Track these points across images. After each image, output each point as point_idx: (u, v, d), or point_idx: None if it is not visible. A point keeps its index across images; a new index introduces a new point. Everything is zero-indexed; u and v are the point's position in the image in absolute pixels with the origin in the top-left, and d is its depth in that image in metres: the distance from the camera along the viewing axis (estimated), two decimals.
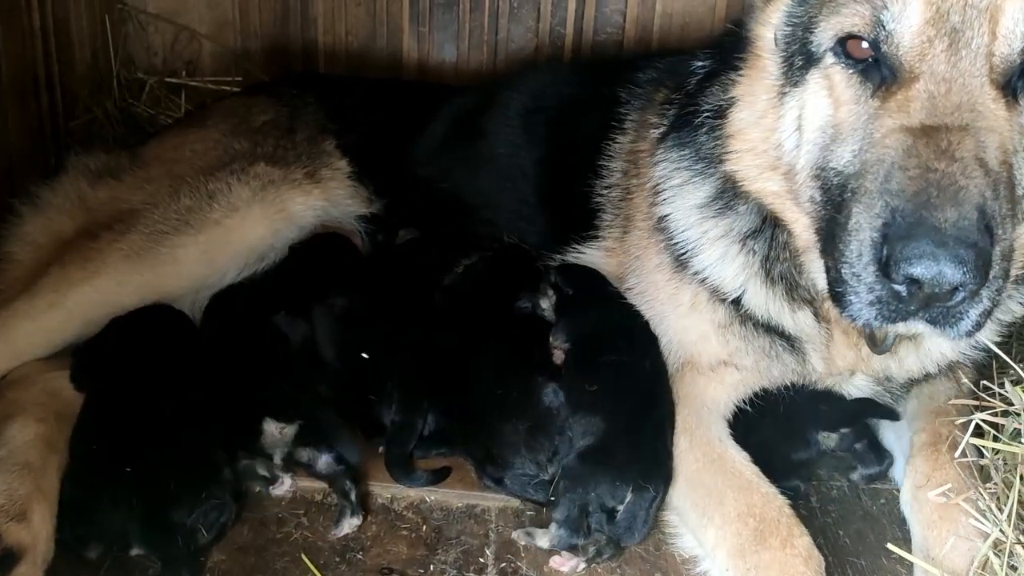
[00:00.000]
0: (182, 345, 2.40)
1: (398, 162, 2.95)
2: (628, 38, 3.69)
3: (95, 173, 2.67)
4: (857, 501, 2.38)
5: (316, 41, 3.78)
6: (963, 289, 1.56)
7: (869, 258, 1.64)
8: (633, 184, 2.57)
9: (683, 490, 2.14)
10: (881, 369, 2.29)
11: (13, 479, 1.96)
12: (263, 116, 2.90)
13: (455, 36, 3.74)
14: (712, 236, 2.21)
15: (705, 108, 2.22)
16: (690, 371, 2.33)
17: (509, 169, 2.89)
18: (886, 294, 1.63)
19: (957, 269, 1.53)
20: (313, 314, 2.50)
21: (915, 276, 1.55)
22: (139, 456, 2.04)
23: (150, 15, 3.78)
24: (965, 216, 1.54)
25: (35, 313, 2.36)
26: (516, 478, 2.18)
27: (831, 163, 1.81)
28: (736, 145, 2.04)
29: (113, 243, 2.46)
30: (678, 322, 2.33)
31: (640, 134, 2.60)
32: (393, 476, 2.26)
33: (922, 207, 1.56)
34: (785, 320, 2.21)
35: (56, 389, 2.27)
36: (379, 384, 2.37)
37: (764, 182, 2.01)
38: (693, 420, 2.22)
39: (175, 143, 2.82)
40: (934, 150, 1.61)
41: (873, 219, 1.64)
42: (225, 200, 2.59)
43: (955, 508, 2.02)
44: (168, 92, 3.76)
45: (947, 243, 1.52)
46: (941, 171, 1.58)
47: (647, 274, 2.41)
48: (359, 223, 2.88)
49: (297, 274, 2.63)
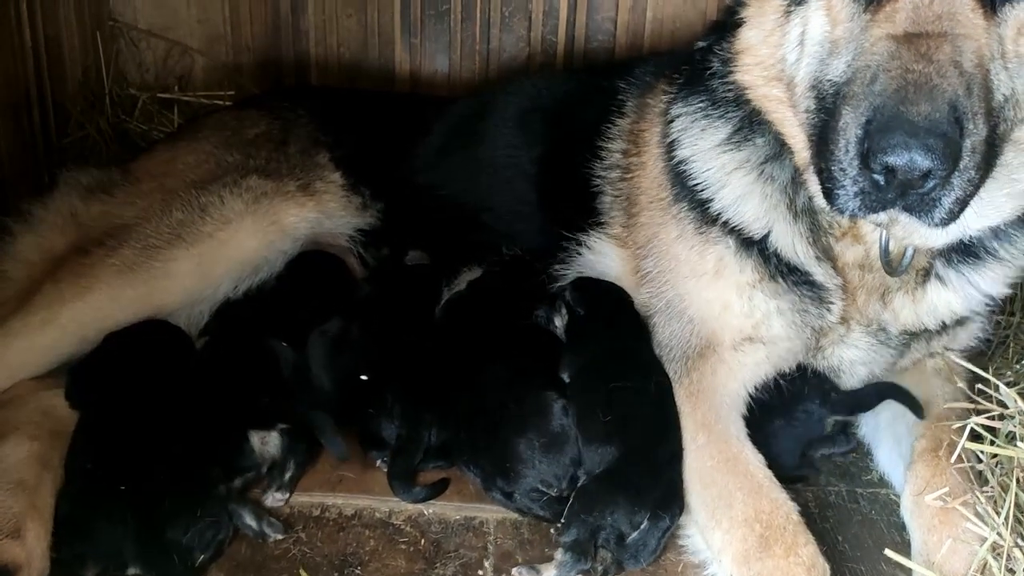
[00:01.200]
0: (177, 361, 2.39)
1: (394, 172, 2.95)
2: (619, 45, 3.71)
3: (87, 189, 2.67)
4: (855, 506, 2.38)
5: (308, 54, 3.79)
6: (934, 176, 1.71)
7: (854, 152, 1.79)
8: (634, 163, 2.61)
9: (696, 488, 2.14)
10: (889, 320, 2.32)
11: (7, 497, 1.96)
12: (255, 129, 2.90)
13: (447, 46, 3.76)
14: (731, 167, 2.29)
15: (714, 63, 2.32)
16: (711, 357, 2.31)
17: (508, 170, 2.90)
18: (867, 184, 1.78)
19: (926, 156, 1.68)
20: (308, 342, 2.48)
21: (889, 164, 1.71)
22: (134, 474, 2.03)
23: (141, 31, 3.79)
24: (937, 110, 1.69)
25: (29, 331, 2.35)
26: (526, 494, 2.17)
27: (827, 75, 1.94)
28: (745, 60, 2.18)
29: (106, 258, 2.45)
30: (700, 295, 2.34)
31: (641, 115, 2.65)
32: (394, 490, 2.25)
33: (900, 103, 1.71)
34: (811, 265, 2.25)
35: (50, 407, 2.26)
36: (379, 397, 2.36)
37: (769, 89, 2.14)
38: (712, 416, 2.23)
39: (166, 157, 2.81)
40: (914, 54, 1.76)
41: (858, 117, 1.78)
42: (218, 213, 2.58)
43: (955, 513, 2.04)
44: (161, 108, 3.76)
45: (918, 133, 1.68)
46: (918, 71, 1.74)
47: (666, 249, 2.42)
48: (360, 237, 2.88)
49: (290, 297, 2.62)
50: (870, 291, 2.29)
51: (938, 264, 2.26)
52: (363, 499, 2.27)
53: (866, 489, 2.44)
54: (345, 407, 2.39)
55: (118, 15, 3.74)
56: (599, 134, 2.70)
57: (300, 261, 2.72)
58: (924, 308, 2.30)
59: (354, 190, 2.88)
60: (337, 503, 2.26)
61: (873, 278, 2.28)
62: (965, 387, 2.38)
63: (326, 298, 2.64)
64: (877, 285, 2.28)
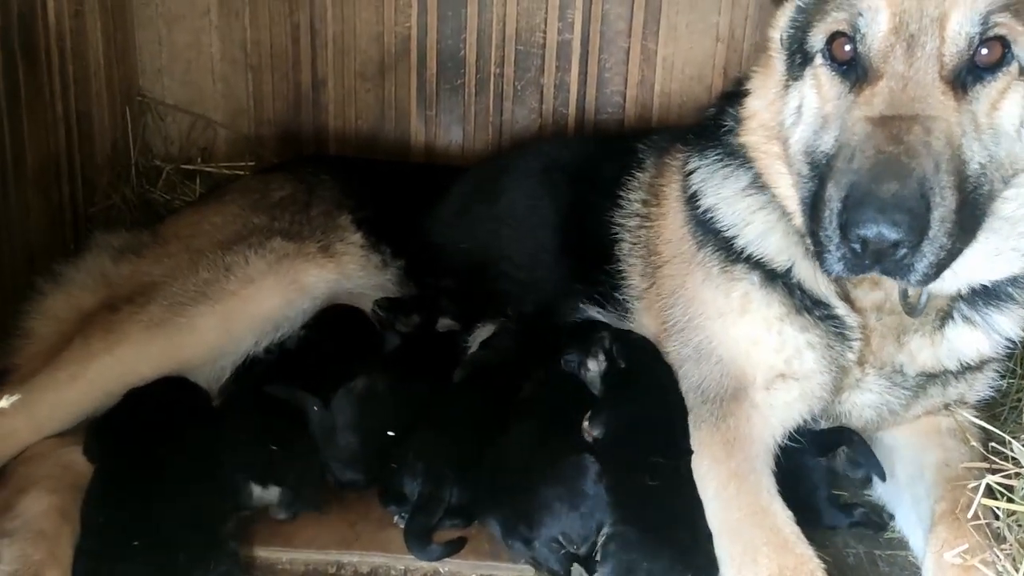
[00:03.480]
0: (194, 416, 2.42)
1: (415, 230, 3.05)
2: (628, 117, 3.82)
3: (117, 250, 2.76)
4: (874, 567, 2.35)
5: (327, 126, 3.91)
6: (903, 245, 1.87)
7: (836, 223, 1.95)
8: (653, 212, 2.72)
9: (723, 541, 2.13)
10: (905, 362, 2.37)
11: (27, 545, 1.99)
12: (281, 192, 3.01)
13: (461, 119, 3.88)
14: (755, 207, 2.40)
15: (728, 122, 2.48)
16: (744, 401, 2.34)
17: (528, 220, 3.00)
18: (847, 251, 1.94)
19: (893, 229, 1.84)
20: (333, 401, 2.50)
21: (861, 236, 1.87)
22: (148, 529, 2.05)
23: (168, 106, 3.92)
24: (905, 187, 1.86)
25: (57, 386, 2.39)
26: (547, 543, 2.15)
27: (820, 147, 2.10)
28: (751, 124, 2.38)
29: (134, 315, 2.52)
30: (728, 333, 2.40)
31: (660, 171, 2.78)
32: (410, 547, 2.24)
33: (871, 181, 1.88)
34: (833, 299, 2.32)
35: (69, 463, 2.29)
36: (402, 453, 2.38)
37: (771, 146, 2.31)
38: (747, 466, 2.24)
39: (194, 219, 2.91)
40: (887, 135, 1.92)
41: (839, 192, 1.95)
42: (242, 272, 2.66)
43: (975, 572, 2.03)
44: (183, 178, 3.87)
45: (886, 209, 1.85)
46: (889, 153, 1.90)
47: (693, 295, 2.49)
48: (387, 304, 2.93)
49: (315, 351, 2.67)
50: (885, 334, 2.34)
51: (961, 305, 2.32)
52: (379, 556, 2.26)
53: (884, 551, 2.41)
54: (369, 463, 2.42)
55: (147, 91, 3.88)
56: (619, 186, 2.82)
57: (327, 314, 2.78)
58: (944, 350, 2.35)
59: (374, 249, 2.97)
60: (353, 560, 2.26)
61: (891, 320, 2.32)
62: (979, 446, 2.39)
63: (353, 351, 2.69)
64: (894, 327, 2.33)
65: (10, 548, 1.98)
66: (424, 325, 2.86)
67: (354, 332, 2.78)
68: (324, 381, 2.54)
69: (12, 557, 1.96)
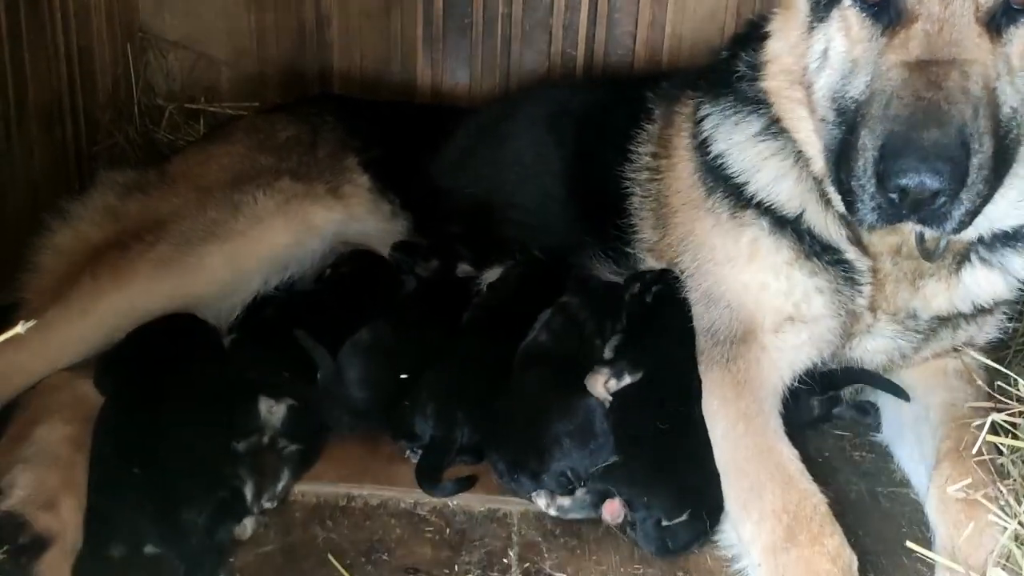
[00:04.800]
0: (202, 352, 2.45)
1: (421, 173, 3.03)
2: (639, 59, 3.77)
3: (123, 187, 2.75)
4: (876, 504, 2.39)
5: (331, 66, 3.86)
6: (943, 194, 1.85)
7: (871, 172, 1.92)
8: (664, 164, 2.68)
9: (730, 479, 2.16)
10: (919, 307, 2.37)
11: (42, 471, 2.03)
12: (286, 132, 2.99)
13: (468, 60, 3.82)
14: (767, 154, 2.38)
15: (740, 67, 2.44)
16: (753, 344, 2.35)
17: (536, 167, 2.98)
18: (883, 201, 1.92)
19: (935, 179, 1.82)
20: (340, 354, 2.50)
21: (902, 186, 1.85)
22: (150, 458, 2.08)
23: (170, 43, 3.86)
24: (945, 135, 1.83)
25: (68, 320, 2.41)
26: (555, 477, 2.20)
27: (848, 92, 2.06)
28: (772, 68, 2.33)
29: (143, 253, 2.53)
30: (737, 278, 2.40)
31: (669, 121, 2.73)
32: (421, 486, 2.28)
33: (911, 129, 1.85)
34: (844, 244, 2.32)
35: (83, 395, 2.32)
36: (413, 393, 2.40)
37: (793, 91, 2.27)
38: (755, 408, 2.26)
39: (201, 158, 2.90)
40: (925, 81, 1.89)
41: (875, 140, 1.91)
42: (250, 212, 2.67)
43: (978, 507, 2.05)
44: (187, 118, 3.85)
45: (928, 158, 1.82)
46: (928, 99, 1.87)
47: (702, 241, 2.49)
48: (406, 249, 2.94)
49: (337, 292, 2.71)
50: (900, 279, 2.34)
51: (979, 247, 2.32)
52: (389, 490, 2.30)
53: (887, 488, 2.45)
54: (380, 412, 2.44)
55: (148, 27, 3.83)
56: (628, 139, 2.78)
57: (349, 258, 2.82)
58: (959, 293, 2.35)
59: (382, 195, 2.97)
60: (363, 493, 2.29)
61: (908, 264, 2.33)
62: (985, 387, 2.41)
63: (373, 296, 2.71)
64: (910, 271, 2.34)
65: (25, 474, 2.02)
66: (442, 270, 2.87)
67: (375, 277, 2.80)
68: (344, 326, 2.55)
69: (27, 482, 2.00)
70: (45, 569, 1.85)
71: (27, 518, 1.90)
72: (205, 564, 1.97)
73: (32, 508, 1.93)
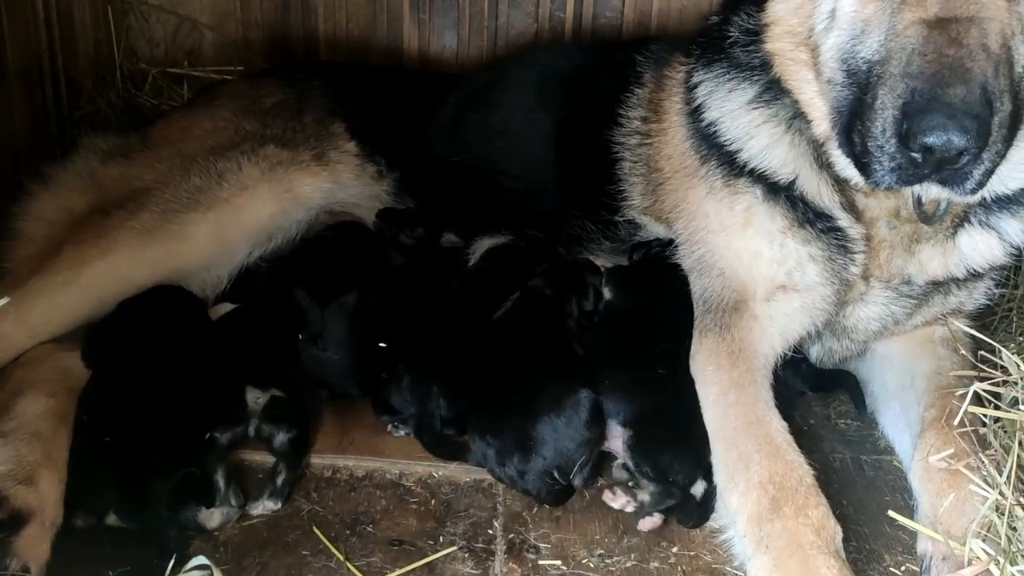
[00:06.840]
0: (188, 323, 2.43)
1: (410, 140, 2.99)
2: (627, 22, 3.72)
3: (106, 152, 2.71)
4: (860, 472, 2.41)
5: (317, 30, 3.80)
6: (968, 153, 1.83)
7: (891, 131, 1.89)
8: (654, 129, 2.66)
9: (719, 448, 2.17)
10: (914, 272, 2.37)
11: (22, 446, 2.00)
12: (272, 98, 2.94)
13: (455, 23, 3.77)
14: (759, 121, 2.35)
15: (732, 32, 2.39)
16: (745, 312, 2.35)
17: (525, 132, 2.95)
18: (904, 161, 1.89)
19: (962, 136, 1.80)
20: (326, 313, 2.49)
21: (928, 144, 1.82)
22: (123, 427, 2.06)
23: (152, 6, 3.79)
24: (971, 92, 1.81)
25: (50, 291, 2.37)
26: (540, 476, 2.16)
27: (860, 53, 2.01)
28: (775, 30, 2.26)
29: (126, 221, 2.49)
30: (730, 246, 2.38)
31: (660, 85, 2.70)
32: (441, 457, 2.29)
33: (936, 86, 1.82)
34: (837, 211, 2.30)
35: (67, 367, 2.30)
36: (392, 366, 2.39)
37: (797, 53, 2.22)
38: (747, 377, 2.26)
39: (184, 124, 2.85)
40: (946, 39, 1.86)
41: (895, 99, 1.88)
42: (235, 179, 2.63)
43: (961, 476, 2.07)
44: (170, 82, 3.78)
45: (956, 115, 1.79)
46: (952, 56, 1.84)
47: (695, 208, 2.47)
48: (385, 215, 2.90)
49: (320, 260, 2.68)
50: (895, 244, 2.33)
51: (978, 210, 2.31)
52: (374, 461, 2.31)
53: (871, 456, 2.48)
54: (362, 376, 2.43)
55: None
56: (617, 103, 2.75)
57: (333, 229, 2.80)
58: (954, 258, 2.35)
59: (369, 159, 2.92)
60: (348, 464, 2.30)
61: (906, 228, 2.31)
62: (969, 355, 2.42)
63: (356, 265, 2.70)
64: (907, 235, 2.32)
65: (4, 448, 1.99)
66: (427, 239, 2.85)
67: (358, 246, 2.77)
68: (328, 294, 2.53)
69: (7, 457, 1.96)
70: (23, 545, 1.83)
71: (5, 493, 1.88)
72: (167, 539, 1.94)
73: (10, 483, 1.90)
